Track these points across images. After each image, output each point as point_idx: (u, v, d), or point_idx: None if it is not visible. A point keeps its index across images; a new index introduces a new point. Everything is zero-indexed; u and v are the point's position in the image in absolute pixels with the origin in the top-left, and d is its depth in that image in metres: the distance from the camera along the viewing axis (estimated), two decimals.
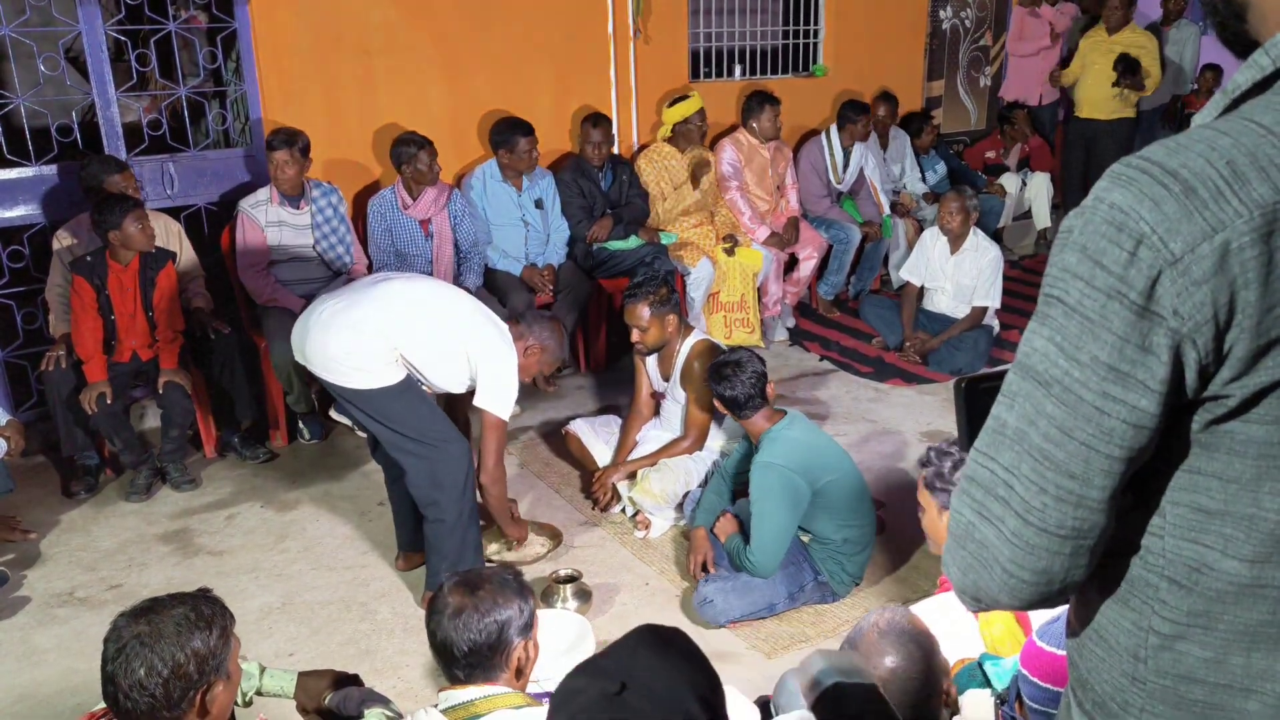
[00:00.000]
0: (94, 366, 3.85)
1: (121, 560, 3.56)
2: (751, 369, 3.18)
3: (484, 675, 1.79)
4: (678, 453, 3.71)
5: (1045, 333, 0.86)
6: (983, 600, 0.94)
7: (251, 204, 4.32)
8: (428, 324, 2.98)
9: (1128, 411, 0.82)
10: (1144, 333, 0.80)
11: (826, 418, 4.63)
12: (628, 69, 5.58)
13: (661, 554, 3.52)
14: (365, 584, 3.38)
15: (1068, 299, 0.84)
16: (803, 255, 5.78)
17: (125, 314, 3.93)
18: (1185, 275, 0.78)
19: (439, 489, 2.98)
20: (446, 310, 3.05)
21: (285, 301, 4.29)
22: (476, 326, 3.05)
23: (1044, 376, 0.85)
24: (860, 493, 3.19)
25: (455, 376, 3.08)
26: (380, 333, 2.90)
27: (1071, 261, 0.84)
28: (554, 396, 4.96)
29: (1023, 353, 0.88)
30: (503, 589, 1.85)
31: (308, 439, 4.47)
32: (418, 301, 3.02)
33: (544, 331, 3.27)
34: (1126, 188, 0.81)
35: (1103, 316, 0.81)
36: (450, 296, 3.14)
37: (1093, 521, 0.86)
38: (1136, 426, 0.83)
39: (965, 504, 0.92)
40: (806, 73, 6.46)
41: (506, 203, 4.91)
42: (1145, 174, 0.81)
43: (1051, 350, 0.85)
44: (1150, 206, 0.80)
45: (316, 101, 4.75)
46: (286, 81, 4.68)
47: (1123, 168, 0.83)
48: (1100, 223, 0.82)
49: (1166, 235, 0.79)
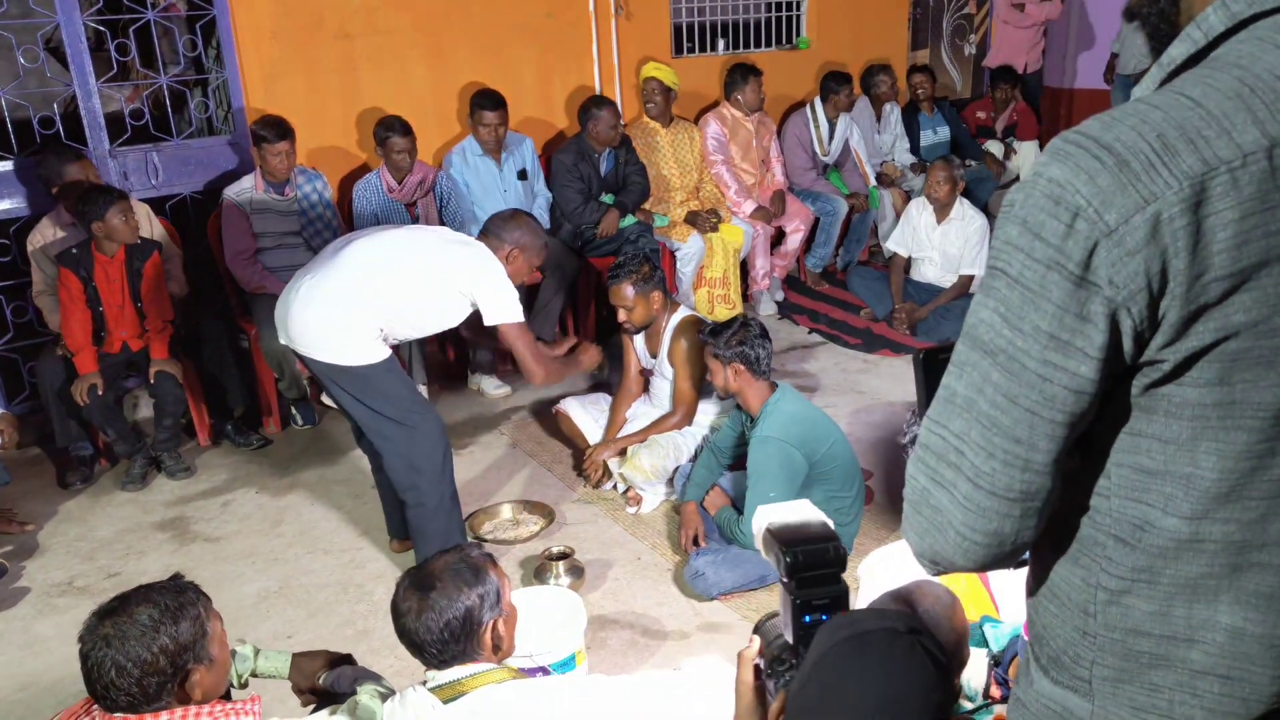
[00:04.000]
0: (84, 358, 3.88)
1: (119, 549, 3.60)
2: (761, 331, 3.24)
3: (462, 659, 1.82)
4: (667, 428, 3.74)
5: (990, 303, 0.89)
6: (940, 563, 0.97)
7: (236, 192, 4.33)
8: (403, 272, 2.96)
9: (1069, 378, 0.85)
10: (1082, 301, 0.83)
11: (816, 390, 4.66)
12: (610, 46, 5.58)
13: (653, 529, 3.57)
14: (360, 566, 3.42)
15: (1010, 270, 0.87)
16: (789, 228, 5.80)
17: (113, 305, 3.95)
18: (1120, 246, 0.81)
19: (417, 473, 3.00)
20: (417, 251, 3.02)
21: (273, 288, 4.30)
22: (451, 255, 3.03)
23: (989, 346, 0.88)
24: (850, 464, 3.23)
25: (448, 312, 3.06)
26: (358, 299, 2.89)
27: (1013, 234, 0.86)
28: None
29: (969, 323, 0.91)
30: (457, 577, 1.84)
31: (300, 424, 4.51)
32: (386, 253, 2.99)
33: (515, 231, 3.18)
34: (1064, 162, 0.84)
35: (1043, 287, 0.84)
36: (416, 237, 3.12)
37: (1039, 484, 0.89)
38: (1077, 392, 0.86)
39: (920, 470, 0.96)
40: (790, 45, 6.46)
41: (487, 177, 4.92)
42: (1081, 148, 0.84)
43: (996, 320, 0.88)
44: (1086, 180, 0.82)
45: (298, 87, 4.75)
46: (267, 67, 4.67)
47: (1061, 142, 0.86)
48: (1039, 196, 0.85)
49: (1101, 207, 0.82)
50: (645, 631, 3.01)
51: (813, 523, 1.64)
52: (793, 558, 1.55)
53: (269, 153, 4.25)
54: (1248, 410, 0.85)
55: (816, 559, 1.55)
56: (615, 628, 3.02)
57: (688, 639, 2.97)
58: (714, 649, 2.86)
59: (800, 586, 1.57)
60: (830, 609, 1.56)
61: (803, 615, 1.56)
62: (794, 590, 1.57)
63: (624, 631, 3.01)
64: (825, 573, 1.59)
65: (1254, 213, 0.80)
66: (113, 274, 3.92)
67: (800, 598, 1.56)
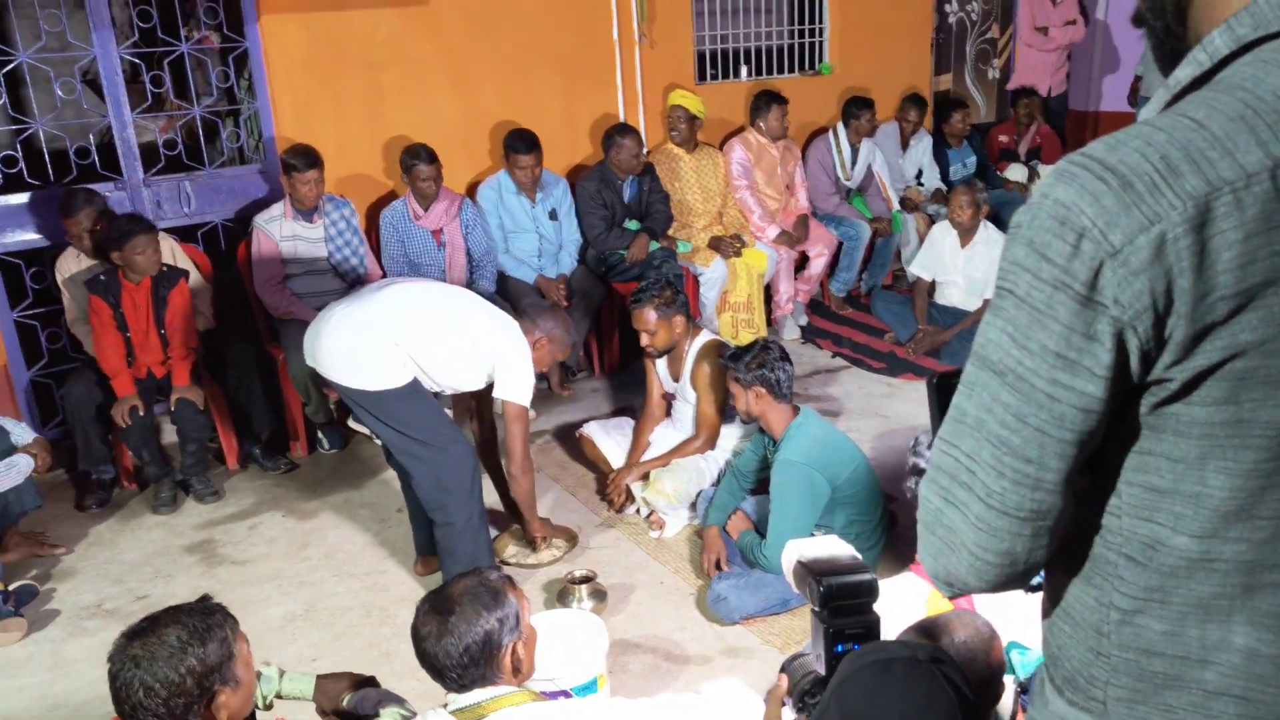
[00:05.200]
0: (122, 381, 3.95)
1: (148, 572, 3.64)
2: (781, 354, 3.25)
3: (482, 682, 1.82)
4: (690, 452, 3.75)
5: (998, 324, 0.89)
6: (954, 584, 0.97)
7: (266, 219, 4.40)
8: (434, 324, 3.05)
9: (1076, 397, 0.86)
10: (1088, 321, 0.84)
11: (840, 414, 4.65)
12: (634, 74, 5.63)
13: (676, 553, 3.57)
14: (385, 589, 3.44)
15: (1017, 290, 0.88)
16: (813, 253, 5.81)
17: (139, 331, 4.02)
18: (1125, 266, 0.82)
19: (445, 492, 3.04)
20: (452, 309, 3.12)
21: (302, 314, 4.36)
22: (484, 323, 3.13)
23: (998, 366, 0.89)
24: (873, 488, 3.22)
25: (467, 374, 3.16)
26: (387, 334, 2.97)
27: (1020, 255, 0.87)
28: (569, 400, 5.02)
29: (979, 343, 0.92)
30: (477, 601, 1.84)
31: (327, 449, 4.55)
32: (424, 302, 3.10)
33: (549, 322, 3.37)
34: (1069, 183, 0.85)
35: (1049, 307, 0.85)
36: (455, 296, 3.22)
37: (1050, 503, 0.89)
38: (1085, 411, 0.86)
39: (932, 490, 0.96)
40: (813, 71, 6.49)
41: (520, 214, 4.97)
42: (1086, 170, 0.85)
43: (1004, 340, 0.89)
44: (1091, 201, 0.83)
45: (327, 116, 4.83)
46: (298, 98, 4.76)
47: (1066, 164, 0.87)
48: (1045, 217, 0.86)
49: (1106, 228, 0.82)
50: (667, 655, 3.00)
51: (843, 555, 1.65)
52: (826, 588, 1.56)
53: (298, 181, 4.32)
54: (1256, 429, 0.85)
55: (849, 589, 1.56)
56: (637, 651, 3.02)
57: (710, 663, 2.96)
58: (736, 673, 2.84)
59: (834, 616, 1.58)
60: (863, 638, 1.57)
61: (835, 644, 1.57)
62: (827, 620, 1.58)
63: (646, 655, 3.01)
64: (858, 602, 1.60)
65: (1258, 233, 0.81)
66: (139, 300, 3.99)
67: (833, 626, 1.57)
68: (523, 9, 5.23)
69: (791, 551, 1.63)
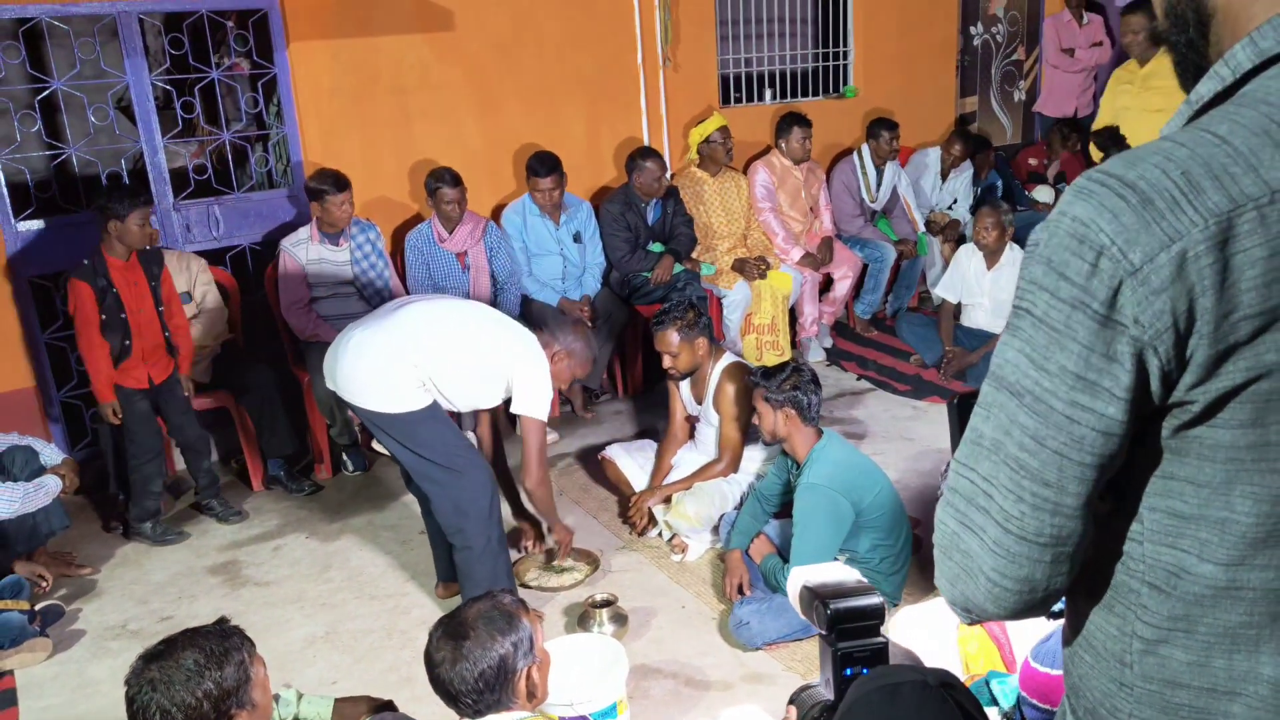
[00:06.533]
0: (102, 384, 3.78)
1: (172, 593, 3.66)
2: (813, 378, 3.23)
3: (497, 708, 1.80)
4: (712, 475, 3.72)
5: (1016, 344, 0.88)
6: (972, 611, 0.95)
7: (293, 243, 4.44)
8: (452, 341, 3.05)
9: (1096, 419, 0.84)
10: (1108, 341, 0.82)
11: (865, 436, 4.61)
12: (658, 97, 5.65)
13: (698, 577, 3.54)
14: (406, 612, 3.43)
15: (1035, 310, 0.86)
16: (838, 275, 5.79)
17: (136, 311, 3.84)
18: (1145, 284, 0.80)
19: (463, 516, 3.03)
20: (469, 325, 3.12)
21: (326, 336, 4.38)
22: (502, 338, 3.12)
23: (1016, 387, 0.87)
24: (897, 512, 3.18)
25: (485, 390, 3.15)
26: (404, 355, 2.97)
27: (1038, 274, 0.86)
28: (591, 423, 5.01)
29: (996, 364, 0.90)
30: (490, 625, 1.83)
31: (351, 471, 4.56)
32: (439, 320, 3.09)
33: (568, 336, 3.35)
34: (1087, 200, 0.83)
35: (1068, 326, 0.83)
36: (471, 311, 3.21)
37: (1070, 528, 0.87)
38: (1105, 434, 0.84)
39: (949, 514, 0.94)
40: (838, 94, 6.49)
41: (544, 236, 4.98)
42: (1104, 186, 0.83)
43: (1022, 361, 0.87)
44: (1109, 218, 0.81)
45: (354, 141, 4.88)
46: (325, 123, 4.81)
47: (1085, 181, 0.85)
48: (1063, 235, 0.84)
49: (1126, 246, 0.81)
50: (688, 681, 2.97)
51: (849, 580, 1.63)
52: (834, 612, 1.55)
53: (331, 204, 4.34)
54: None
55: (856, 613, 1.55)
56: (658, 677, 2.99)
57: (731, 689, 2.92)
58: (758, 700, 2.81)
59: (841, 639, 1.56)
60: (871, 661, 1.55)
61: (844, 668, 1.55)
62: (834, 643, 1.56)
63: (667, 681, 2.97)
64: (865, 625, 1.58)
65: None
66: (131, 277, 3.84)
67: (841, 650, 1.55)
68: (547, 34, 5.27)
69: (797, 578, 1.62)
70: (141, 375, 3.92)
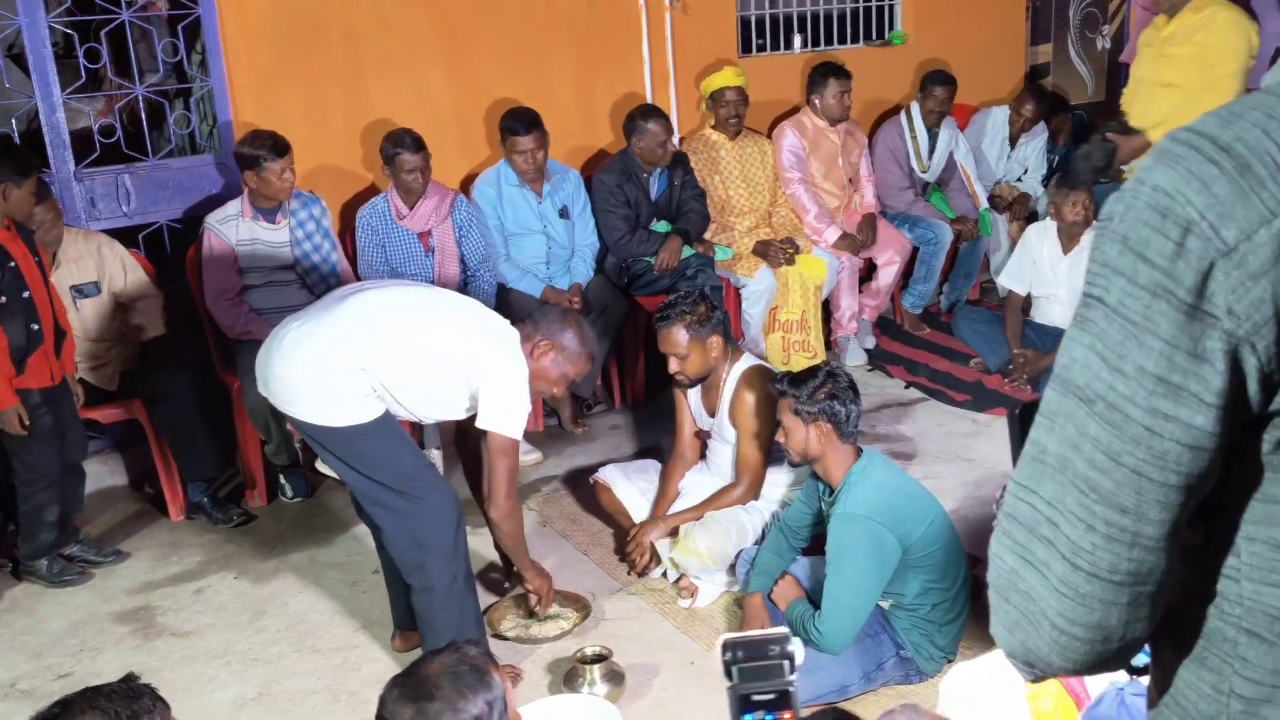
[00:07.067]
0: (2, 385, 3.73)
1: (72, 645, 3.67)
2: (850, 384, 3.24)
3: None
4: (728, 503, 3.73)
5: (1085, 340, 0.88)
6: (1035, 664, 0.96)
7: (220, 220, 4.45)
8: (406, 339, 3.02)
9: (1181, 431, 0.84)
10: (1195, 337, 0.82)
11: (914, 456, 4.63)
12: (664, 46, 5.67)
13: (710, 626, 3.54)
14: (356, 668, 3.44)
15: (1108, 299, 0.86)
16: (882, 260, 5.80)
17: (39, 286, 3.82)
18: (1241, 268, 0.80)
19: (423, 550, 3.03)
20: (429, 319, 3.09)
21: (261, 333, 4.35)
22: (467, 333, 3.08)
23: (1085, 392, 0.88)
24: (953, 548, 3.19)
25: (447, 399, 3.12)
26: (349, 356, 2.95)
27: (1112, 255, 0.86)
28: (583, 439, 5.02)
29: (1061, 364, 0.90)
30: (459, 682, 1.83)
31: (290, 497, 4.57)
32: (393, 310, 3.08)
33: (555, 324, 3.25)
34: (1172, 166, 0.84)
35: (1147, 319, 0.84)
36: (434, 302, 3.19)
37: (1151, 563, 0.87)
38: (1193, 448, 0.84)
39: (1006, 547, 0.95)
40: (882, 41, 6.50)
41: (524, 211, 4.99)
42: (1194, 149, 0.83)
43: (1093, 360, 0.87)
44: (1199, 188, 0.82)
45: (295, 98, 4.90)
46: (260, 75, 4.83)
47: (1169, 143, 0.86)
48: (1143, 208, 0.84)
49: (1218, 221, 0.81)
50: None
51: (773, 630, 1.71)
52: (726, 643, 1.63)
53: (268, 173, 4.34)
54: None
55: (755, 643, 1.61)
56: None
57: None
58: None
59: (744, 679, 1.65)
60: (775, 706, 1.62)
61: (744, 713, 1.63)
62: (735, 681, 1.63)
63: None
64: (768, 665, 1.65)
65: None
66: (21, 250, 3.78)
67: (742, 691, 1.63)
68: None
69: None
70: (45, 373, 3.89)
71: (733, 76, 5.42)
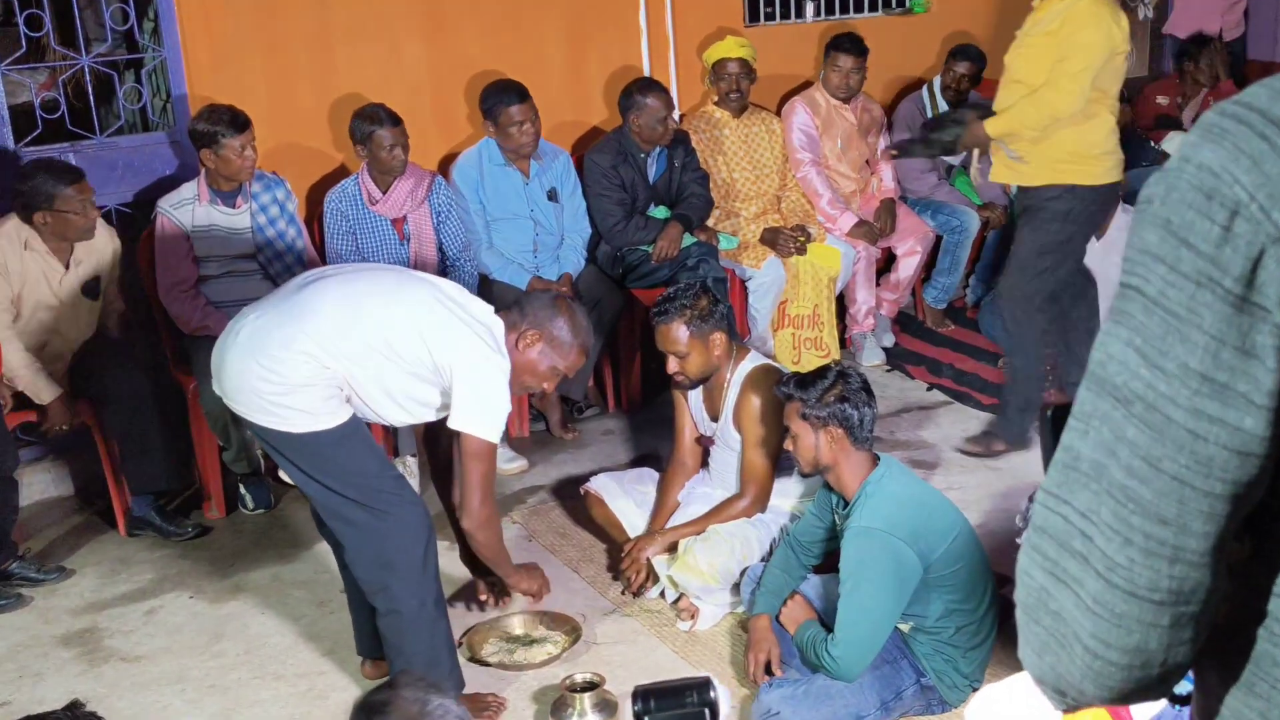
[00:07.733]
0: None
1: (10, 670, 3.66)
2: (863, 385, 3.23)
3: None
4: (733, 516, 3.73)
5: (1123, 334, 0.88)
6: (1067, 692, 0.96)
7: (174, 204, 4.45)
8: (372, 330, 2.97)
9: (1228, 434, 0.84)
10: (1244, 331, 0.82)
11: (936, 465, 4.64)
12: (663, 13, 5.67)
13: (712, 651, 3.54)
14: (323, 696, 3.44)
15: (1148, 289, 0.86)
16: (901, 250, 5.80)
17: None
18: None
19: (389, 570, 3.01)
20: (399, 308, 3.02)
21: (219, 328, 4.35)
22: (441, 324, 3.00)
23: (1122, 392, 0.87)
24: (979, 566, 3.19)
25: (416, 399, 3.08)
26: (309, 353, 2.91)
27: (1152, 241, 0.86)
28: (573, 445, 5.02)
29: (1095, 361, 0.90)
30: None
31: (250, 508, 4.57)
32: (357, 300, 3.01)
33: (543, 311, 3.17)
34: (1218, 143, 0.83)
35: (1191, 311, 0.83)
36: (404, 286, 3.12)
37: (1195, 580, 0.87)
38: (1241, 453, 0.84)
39: (1035, 563, 0.94)
40: (902, 9, 6.50)
41: (509, 194, 4.99)
42: (1242, 124, 0.83)
43: (1131, 357, 0.87)
44: (1248, 166, 0.82)
45: (257, 69, 4.90)
46: (218, 45, 4.83)
47: (1216, 116, 0.85)
48: (1186, 189, 0.84)
49: (1269, 203, 0.81)
50: None
51: None
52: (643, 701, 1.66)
53: (227, 152, 4.34)
54: None
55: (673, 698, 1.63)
56: None
57: None
58: None
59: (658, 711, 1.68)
60: None
61: None
62: None
63: None
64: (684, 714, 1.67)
65: None
66: None
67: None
68: None
69: None
70: None
71: (734, 47, 5.42)
